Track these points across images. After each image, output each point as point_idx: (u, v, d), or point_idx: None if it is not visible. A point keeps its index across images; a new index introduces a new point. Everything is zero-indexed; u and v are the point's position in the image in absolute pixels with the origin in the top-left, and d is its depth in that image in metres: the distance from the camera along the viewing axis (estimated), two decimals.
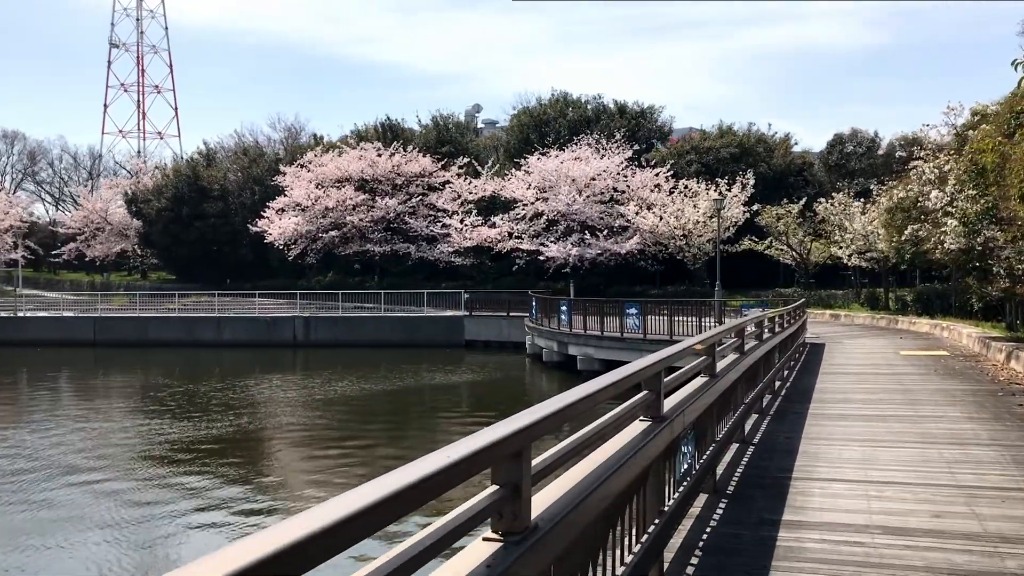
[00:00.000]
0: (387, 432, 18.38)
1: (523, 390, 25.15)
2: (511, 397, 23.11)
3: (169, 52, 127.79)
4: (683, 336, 21.77)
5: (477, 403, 22.57)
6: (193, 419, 18.84)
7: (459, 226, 40.97)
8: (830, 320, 28.51)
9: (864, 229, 27.91)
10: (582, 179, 38.24)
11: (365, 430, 18.38)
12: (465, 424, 18.49)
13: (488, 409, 20.85)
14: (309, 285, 47.51)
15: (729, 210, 35.04)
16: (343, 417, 19.61)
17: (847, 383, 12.69)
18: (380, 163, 44.27)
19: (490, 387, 24.84)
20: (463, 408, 22.16)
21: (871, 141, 45.69)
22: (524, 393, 24.19)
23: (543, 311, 29.45)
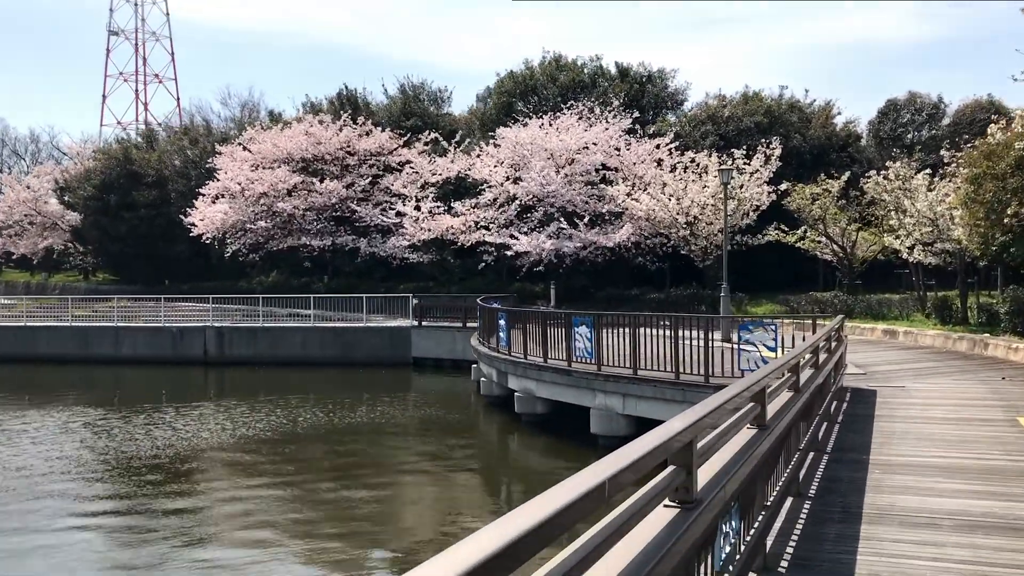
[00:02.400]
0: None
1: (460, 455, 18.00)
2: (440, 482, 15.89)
3: (171, 40, 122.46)
4: (651, 369, 14.59)
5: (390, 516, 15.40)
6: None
7: (414, 214, 33.90)
8: (883, 339, 20.93)
9: (932, 211, 20.31)
10: (562, 153, 30.96)
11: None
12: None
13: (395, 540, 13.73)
14: (250, 287, 40.96)
15: (747, 189, 27.48)
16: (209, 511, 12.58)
17: (932, 542, 5.28)
18: (327, 139, 37.36)
19: (423, 445, 17.67)
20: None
21: (933, 107, 37.76)
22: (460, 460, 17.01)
23: (484, 324, 22.32)
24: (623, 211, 29.84)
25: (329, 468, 15.19)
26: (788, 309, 26.95)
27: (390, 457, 16.04)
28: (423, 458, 15.85)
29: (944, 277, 28.96)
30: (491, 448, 17.18)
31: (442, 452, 16.46)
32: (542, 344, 17.56)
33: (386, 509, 12.73)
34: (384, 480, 14.39)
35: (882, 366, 15.46)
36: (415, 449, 16.79)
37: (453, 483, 14.60)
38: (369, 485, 13.84)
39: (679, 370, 14.06)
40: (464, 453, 16.52)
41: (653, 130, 33.59)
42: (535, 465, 16.03)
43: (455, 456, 16.27)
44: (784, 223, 29.57)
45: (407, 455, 16.17)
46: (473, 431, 18.65)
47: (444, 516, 12.49)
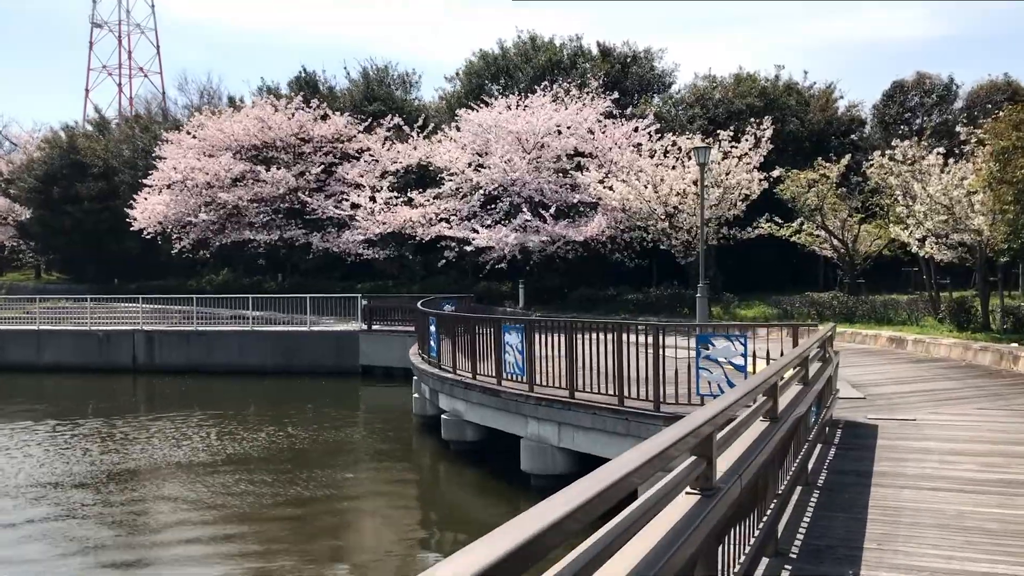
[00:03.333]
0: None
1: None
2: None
3: (156, 32, 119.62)
4: (593, 392, 11.58)
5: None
6: None
7: (369, 205, 30.83)
8: (888, 348, 17.80)
9: (947, 196, 17.19)
10: (529, 136, 27.86)
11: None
12: None
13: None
14: (199, 286, 38.00)
15: (734, 176, 24.36)
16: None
17: None
18: (278, 124, 34.29)
19: (334, 478, 14.54)
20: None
21: (944, 89, 34.59)
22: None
23: (419, 330, 19.28)
24: (597, 202, 26.74)
25: (216, 506, 12.10)
26: (781, 312, 23.86)
27: (294, 494, 12.95)
28: (327, 495, 12.77)
29: (959, 276, 25.86)
30: (408, 485, 14.10)
31: (350, 488, 13.37)
32: (471, 356, 14.50)
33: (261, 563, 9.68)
34: (269, 528, 11.32)
35: (886, 386, 12.36)
36: (324, 482, 13.70)
37: (354, 528, 11.59)
38: (254, 537, 10.77)
39: (623, 393, 10.99)
40: (375, 489, 13.44)
41: (631, 112, 30.45)
42: (458, 509, 12.95)
43: (362, 493, 13.20)
44: (778, 214, 26.47)
45: (315, 490, 13.08)
46: (393, 461, 15.55)
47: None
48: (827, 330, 8.94)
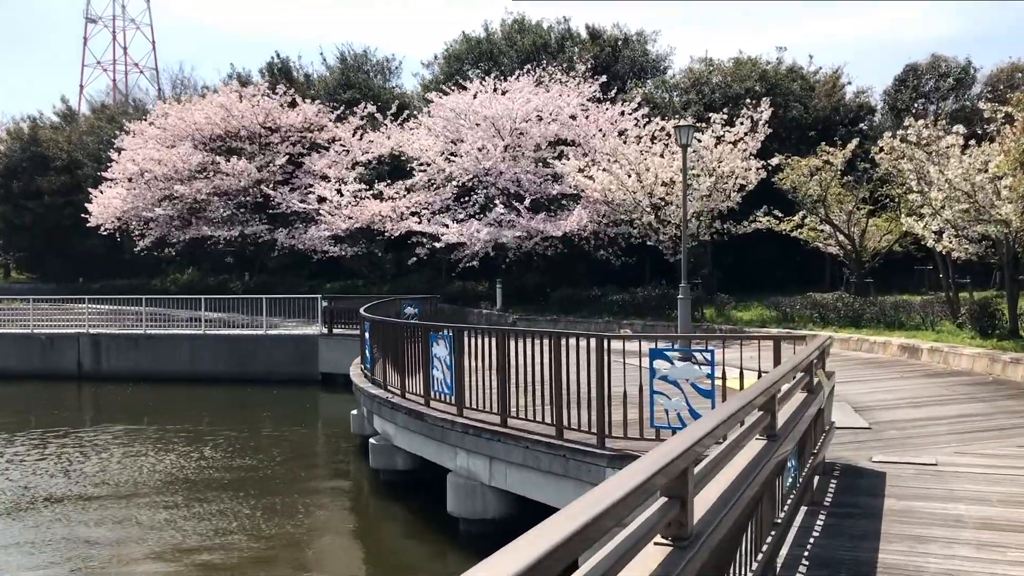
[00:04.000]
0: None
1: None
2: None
3: (151, 27, 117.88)
4: (528, 419, 9.35)
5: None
6: None
7: (335, 198, 28.59)
8: (900, 359, 15.43)
9: (969, 181, 14.81)
10: (505, 122, 25.54)
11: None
12: None
13: None
14: (163, 286, 35.93)
15: (727, 163, 22.01)
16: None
17: None
18: (243, 112, 32.06)
19: (255, 509, 12.26)
20: None
21: (962, 72, 32.10)
22: None
23: (360, 338, 17.01)
24: (579, 194, 24.41)
25: (102, 542, 9.83)
26: (780, 315, 21.52)
27: (193, 533, 10.67)
28: (228, 539, 10.49)
29: (978, 274, 23.47)
30: (322, 525, 11.81)
31: (259, 526, 11.10)
32: (400, 371, 12.25)
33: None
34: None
35: (898, 410, 10.02)
36: (231, 518, 11.43)
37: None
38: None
39: (562, 422, 8.72)
40: (285, 530, 11.17)
41: (619, 97, 28.08)
42: (372, 561, 10.67)
43: (272, 534, 10.93)
44: (778, 207, 24.11)
45: (219, 526, 10.81)
46: (313, 493, 13.24)
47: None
48: (815, 348, 6.62)
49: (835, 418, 9.22)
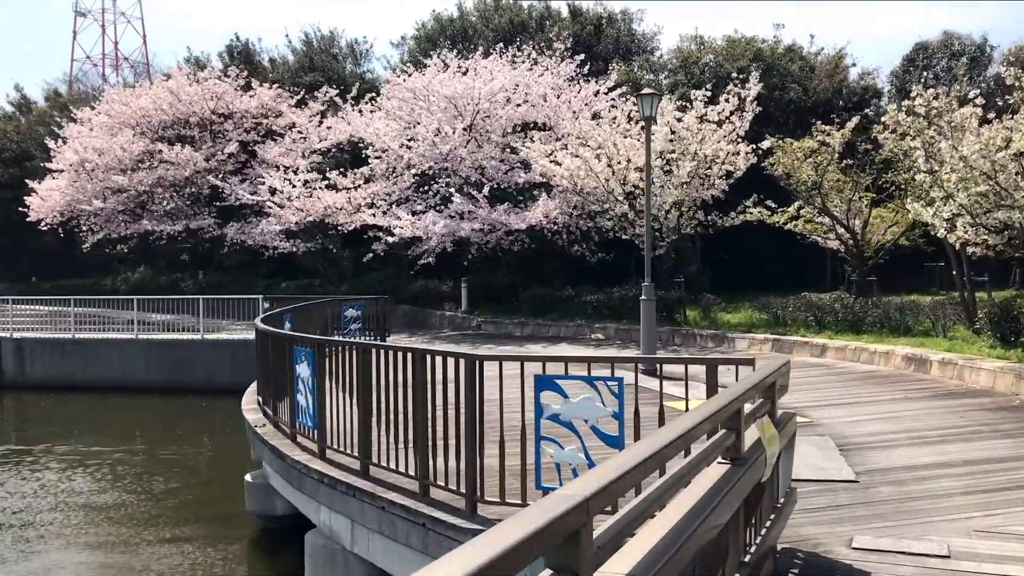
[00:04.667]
0: None
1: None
2: None
3: (142, 22, 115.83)
4: (390, 467, 6.86)
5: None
6: None
7: (286, 189, 26.23)
8: (904, 371, 12.95)
9: (988, 159, 12.36)
10: (467, 104, 23.13)
11: None
12: None
13: None
14: (114, 285, 33.71)
15: (709, 144, 19.56)
16: None
17: None
18: (189, 97, 29.73)
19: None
20: None
21: (976, 50, 29.57)
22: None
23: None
24: (548, 182, 21.97)
25: None
26: (770, 317, 19.09)
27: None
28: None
29: (997, 271, 21.03)
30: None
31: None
32: (274, 392, 9.90)
33: None
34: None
35: (896, 451, 7.60)
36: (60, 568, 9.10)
37: None
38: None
39: (427, 476, 6.34)
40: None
41: (587, 72, 25.59)
42: None
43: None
44: (772, 197, 21.68)
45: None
46: (178, 538, 10.85)
47: None
48: (746, 387, 4.14)
49: (813, 462, 6.84)
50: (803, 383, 12.02)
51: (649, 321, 13.29)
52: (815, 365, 14.07)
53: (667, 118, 19.71)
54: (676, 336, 18.94)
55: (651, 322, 13.29)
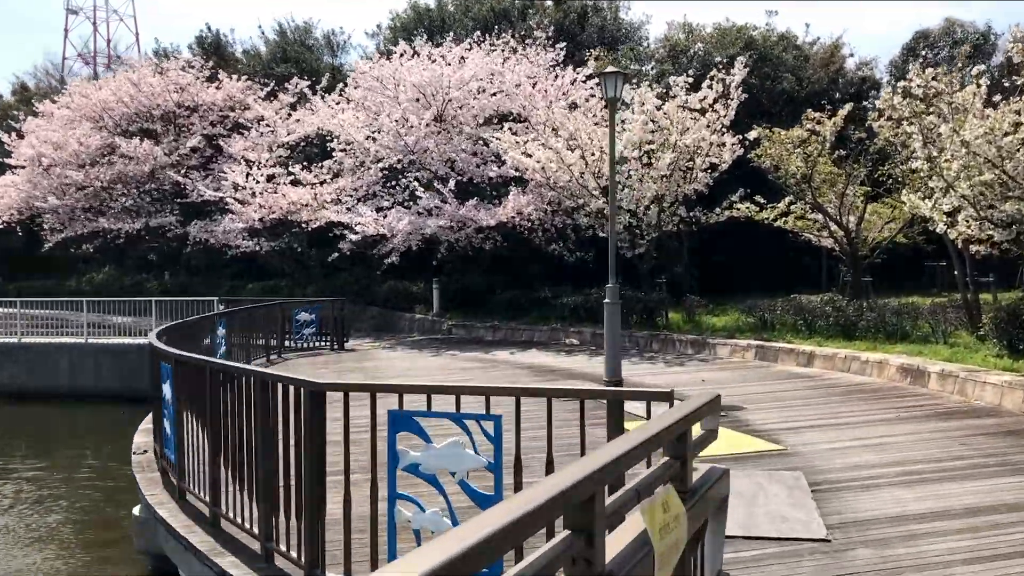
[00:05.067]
0: None
1: None
2: None
3: (135, 19, 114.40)
4: (234, 519, 5.33)
5: None
6: None
7: (248, 185, 24.83)
8: (899, 384, 11.50)
9: (993, 145, 10.93)
10: (436, 93, 21.70)
11: None
12: None
13: None
14: (79, 286, 32.32)
15: (690, 134, 18.12)
16: None
17: None
18: (151, 88, 28.33)
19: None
20: None
21: (980, 37, 28.11)
22: None
23: None
24: (523, 176, 20.53)
25: None
26: (757, 321, 17.68)
27: None
28: None
29: (1004, 271, 19.62)
30: None
31: None
32: (155, 417, 8.51)
33: None
34: None
35: (882, 493, 6.18)
36: None
37: None
38: None
39: (271, 533, 4.92)
40: None
41: (563, 60, 24.15)
42: None
43: None
44: (761, 192, 20.25)
45: None
46: (57, 572, 9.45)
47: None
48: (648, 436, 2.65)
49: (776, 509, 5.44)
50: (783, 398, 10.59)
51: (613, 326, 11.86)
52: (799, 376, 12.63)
53: (647, 106, 18.28)
54: (654, 341, 17.52)
55: (615, 327, 11.87)
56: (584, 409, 3.88)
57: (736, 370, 13.65)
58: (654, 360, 15.48)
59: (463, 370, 14.61)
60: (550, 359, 16.03)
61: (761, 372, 13.30)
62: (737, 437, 8.29)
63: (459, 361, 16.24)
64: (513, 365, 15.24)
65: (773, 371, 13.36)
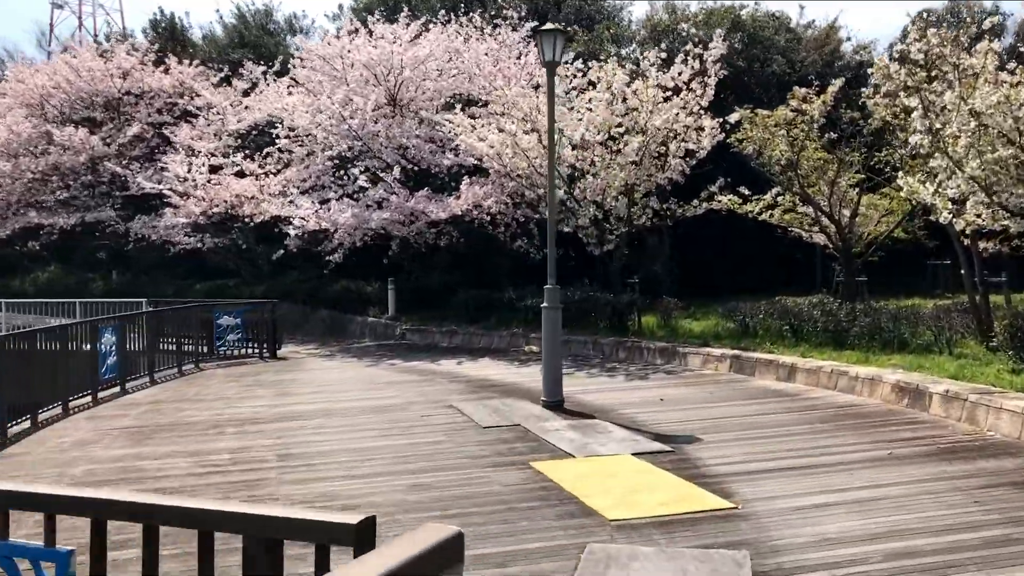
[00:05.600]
0: None
1: None
2: None
3: (121, 13, 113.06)
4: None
5: None
6: None
7: (187, 175, 22.90)
8: (894, 407, 9.51)
9: (1009, 116, 8.97)
10: (388, 73, 19.73)
11: None
12: None
13: None
14: (23, 287, 30.49)
15: (660, 114, 16.16)
16: None
17: None
18: (90, 74, 26.39)
19: None
20: None
21: (987, 16, 26.01)
22: None
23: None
24: (481, 164, 18.54)
25: None
26: (738, 327, 15.74)
27: None
28: None
29: (1018, 270, 17.68)
30: None
31: None
32: None
33: None
34: None
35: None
36: None
37: None
38: None
39: None
40: None
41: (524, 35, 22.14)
42: None
43: None
44: (747, 182, 18.30)
45: None
46: None
47: None
48: None
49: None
50: (751, 426, 8.63)
51: (552, 336, 9.92)
52: (777, 395, 10.67)
53: (616, 85, 16.29)
54: (620, 348, 15.56)
55: (554, 337, 9.92)
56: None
57: (705, 385, 11.69)
58: (615, 372, 13.51)
59: (391, 384, 12.67)
60: (500, 371, 14.07)
61: (733, 389, 11.34)
62: (678, 487, 6.34)
63: (395, 373, 14.29)
64: (453, 378, 13.29)
65: (748, 387, 11.40)
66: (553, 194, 10.29)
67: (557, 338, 10.04)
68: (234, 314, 16.36)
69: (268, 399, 11.49)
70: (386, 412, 10.04)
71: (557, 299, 10.09)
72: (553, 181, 10.16)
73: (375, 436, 8.66)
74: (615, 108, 16.27)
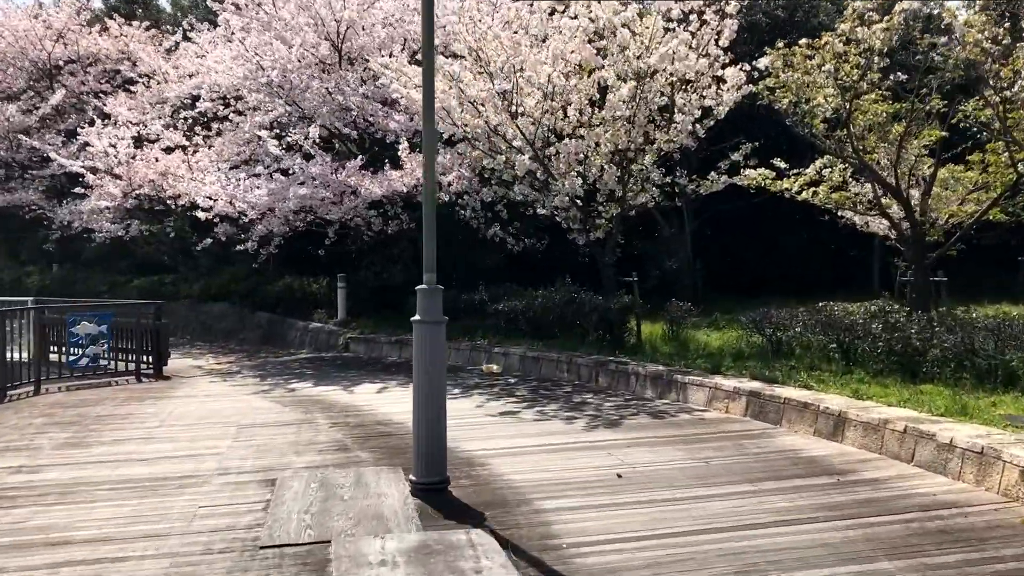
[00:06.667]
0: None
1: None
2: None
3: None
4: None
5: None
6: None
7: (103, 147, 19.26)
8: (1020, 509, 5.24)
9: None
10: (329, 16, 15.77)
11: None
12: None
13: None
14: None
15: (660, 49, 11.92)
16: None
17: None
18: (14, 35, 22.93)
19: None
20: None
21: None
22: None
23: None
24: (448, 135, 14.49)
25: None
26: (764, 343, 11.60)
27: None
28: None
29: None
30: None
31: None
32: None
33: None
34: None
35: None
36: None
37: None
38: None
39: None
40: None
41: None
42: None
43: None
44: (780, 153, 14.13)
45: None
46: None
47: None
48: None
49: None
50: (762, 562, 4.47)
51: (432, 364, 5.89)
52: (813, 470, 6.50)
53: (596, 12, 12.10)
54: (602, 372, 11.44)
55: (434, 371, 5.90)
56: None
57: (702, 444, 7.55)
58: (579, 412, 9.36)
59: (246, 429, 8.71)
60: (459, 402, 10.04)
61: (743, 453, 7.18)
62: None
63: (278, 406, 10.33)
64: (342, 418, 9.32)
65: (767, 452, 7.23)
66: (431, 156, 6.20)
67: (438, 374, 5.99)
68: (100, 318, 12.56)
69: (33, 455, 7.60)
70: (149, 496, 6.09)
71: (436, 308, 6.03)
72: (432, 111, 6.08)
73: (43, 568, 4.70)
74: (604, 48, 12.11)
